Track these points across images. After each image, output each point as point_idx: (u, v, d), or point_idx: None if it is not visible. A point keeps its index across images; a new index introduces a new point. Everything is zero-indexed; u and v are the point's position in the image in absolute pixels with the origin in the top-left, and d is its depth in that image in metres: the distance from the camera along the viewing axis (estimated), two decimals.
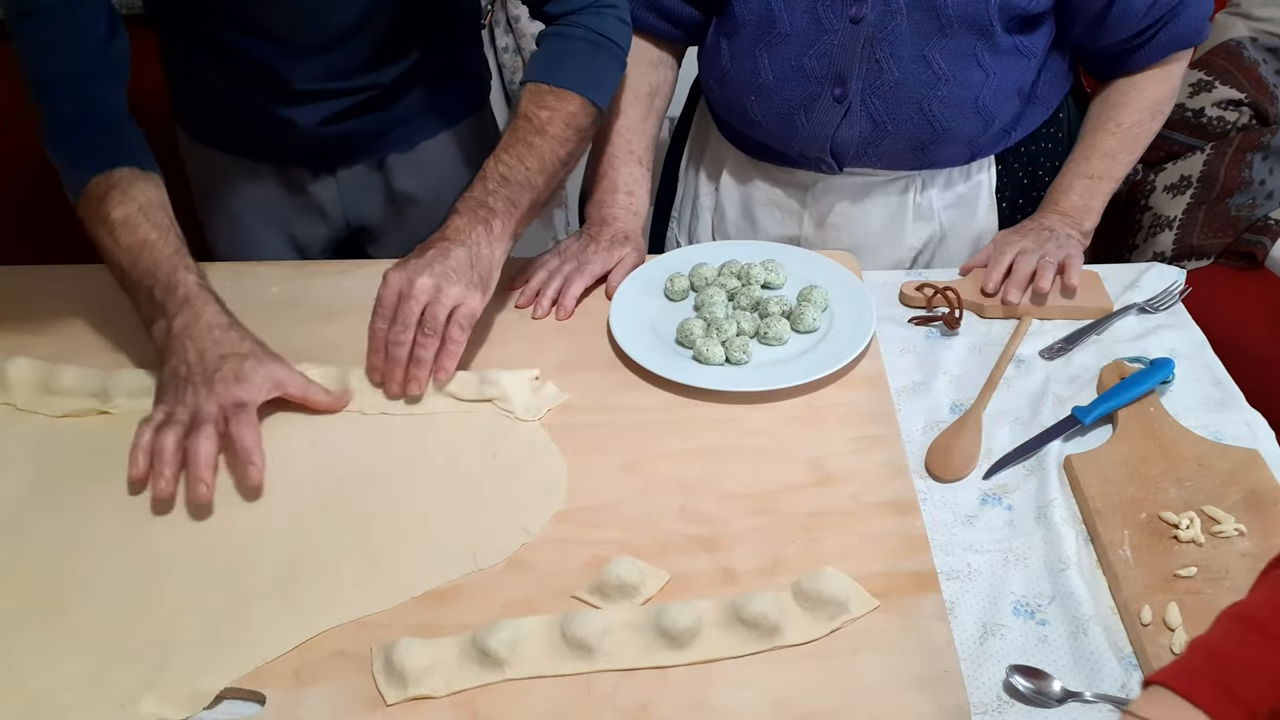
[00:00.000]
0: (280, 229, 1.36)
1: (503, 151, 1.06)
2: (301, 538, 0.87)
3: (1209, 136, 1.96)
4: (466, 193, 1.05)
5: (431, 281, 0.96)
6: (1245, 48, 1.98)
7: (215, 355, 0.94)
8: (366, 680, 0.75)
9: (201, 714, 0.74)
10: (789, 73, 1.15)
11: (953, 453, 0.94)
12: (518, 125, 1.07)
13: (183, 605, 0.81)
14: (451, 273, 0.97)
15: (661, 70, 1.26)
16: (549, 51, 1.11)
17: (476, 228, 1.01)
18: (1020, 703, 0.74)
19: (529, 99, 1.08)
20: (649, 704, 0.73)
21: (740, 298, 1.11)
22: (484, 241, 1.01)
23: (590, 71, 1.10)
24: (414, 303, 0.96)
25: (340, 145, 1.28)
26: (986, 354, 1.07)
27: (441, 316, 0.97)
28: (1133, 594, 0.79)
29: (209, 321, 0.96)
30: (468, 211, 1.02)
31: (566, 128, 1.07)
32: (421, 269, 0.97)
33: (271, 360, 0.97)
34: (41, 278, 1.21)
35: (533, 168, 1.05)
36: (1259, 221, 1.86)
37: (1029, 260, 1.12)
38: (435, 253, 0.98)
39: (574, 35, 1.10)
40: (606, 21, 1.11)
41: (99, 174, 1.01)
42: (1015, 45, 1.12)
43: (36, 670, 0.76)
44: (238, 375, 0.93)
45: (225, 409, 0.91)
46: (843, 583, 0.79)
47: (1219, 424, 0.96)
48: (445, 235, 1.00)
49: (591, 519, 0.88)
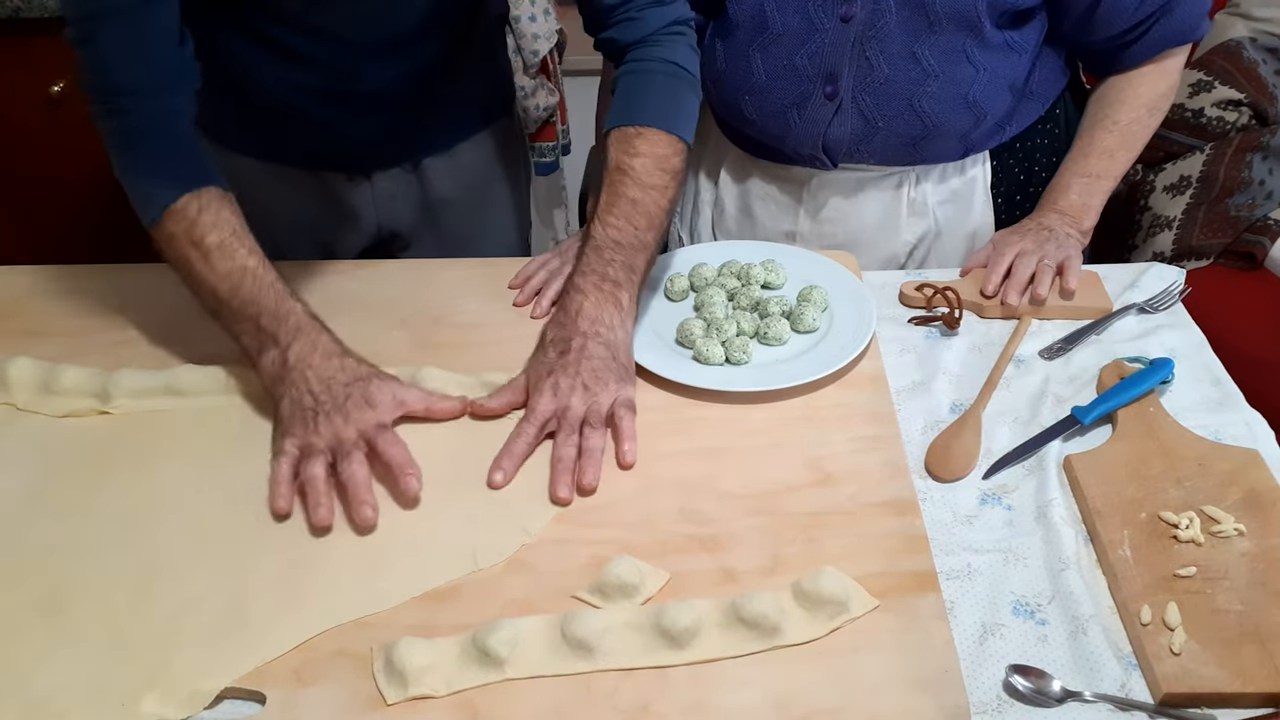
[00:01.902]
0: (310, 236, 1.33)
1: (606, 214, 1.02)
2: (301, 538, 0.87)
3: (1209, 136, 1.96)
4: (583, 265, 1.01)
5: (582, 399, 0.94)
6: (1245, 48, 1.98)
7: (341, 384, 0.93)
8: (366, 680, 0.75)
9: (201, 714, 0.74)
10: (781, 72, 1.16)
11: (952, 453, 0.94)
12: (613, 180, 1.03)
13: (183, 605, 0.81)
14: (597, 377, 0.95)
15: None
16: (629, 90, 1.07)
17: (607, 308, 0.99)
18: (1020, 702, 0.74)
19: (616, 145, 1.04)
20: (649, 704, 0.73)
21: (740, 298, 1.11)
22: (617, 324, 0.99)
23: (673, 106, 1.06)
24: (573, 416, 0.94)
25: (380, 149, 1.26)
26: (986, 354, 1.07)
27: (604, 412, 0.95)
28: (1132, 594, 0.79)
29: (326, 350, 0.95)
30: (592, 290, 0.99)
31: (662, 173, 1.03)
32: (570, 387, 0.95)
33: (390, 381, 0.96)
34: (41, 278, 1.21)
35: (641, 225, 1.02)
36: (1259, 221, 1.86)
37: (1028, 262, 1.12)
38: (575, 356, 0.96)
39: (651, 70, 1.07)
40: (680, 50, 1.08)
41: (188, 193, 0.97)
42: (1006, 41, 1.12)
43: (36, 670, 0.76)
44: (368, 400, 0.93)
45: (365, 433, 0.91)
46: (843, 583, 0.79)
47: (1219, 424, 0.97)
48: (579, 327, 0.97)
49: (591, 519, 0.88)
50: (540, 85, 2.26)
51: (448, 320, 1.13)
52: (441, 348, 1.08)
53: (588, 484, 0.90)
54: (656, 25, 1.07)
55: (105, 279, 1.20)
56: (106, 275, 1.21)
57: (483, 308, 1.15)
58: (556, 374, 0.96)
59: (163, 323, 1.12)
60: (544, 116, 2.30)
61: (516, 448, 0.93)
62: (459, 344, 1.09)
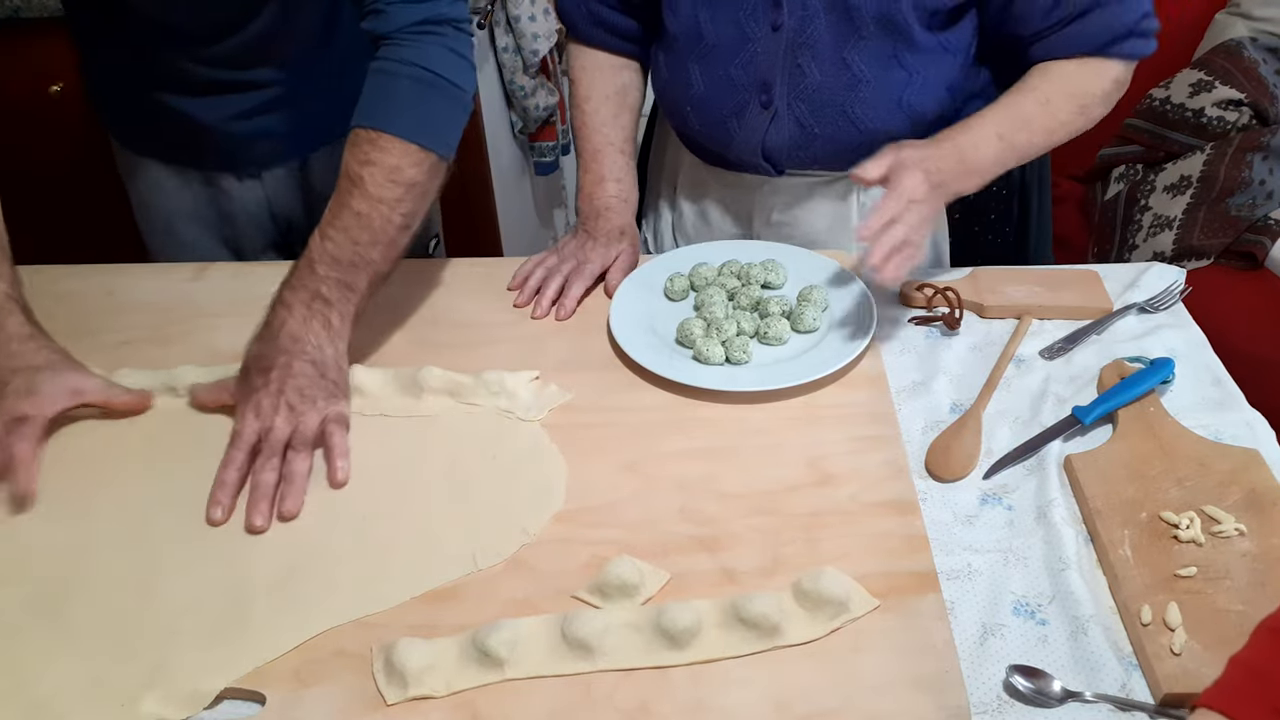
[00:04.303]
0: (215, 234, 1.35)
1: (328, 226, 0.96)
2: (301, 538, 0.87)
3: (1209, 136, 1.97)
4: (294, 279, 0.96)
5: (287, 419, 0.91)
6: (1245, 48, 1.99)
7: (8, 369, 0.93)
8: (366, 680, 0.75)
9: (201, 714, 0.74)
10: (719, 82, 1.16)
11: (953, 453, 0.94)
12: (341, 188, 0.97)
13: (183, 605, 0.81)
14: (303, 395, 0.92)
15: (625, 74, 1.26)
16: (370, 90, 0.99)
17: (313, 326, 0.94)
18: (1020, 703, 0.74)
19: (349, 150, 0.97)
20: (649, 704, 0.73)
21: (740, 298, 1.11)
22: (325, 342, 0.95)
23: (415, 113, 0.98)
24: (276, 439, 0.91)
25: (257, 146, 1.27)
26: (986, 354, 1.07)
27: (311, 432, 0.92)
28: (1133, 594, 0.79)
29: (9, 333, 0.94)
30: (300, 307, 0.94)
31: (394, 185, 0.96)
32: (273, 408, 0.91)
33: (69, 370, 0.95)
34: (41, 278, 1.21)
35: (364, 241, 0.95)
36: (1259, 221, 1.86)
37: (897, 233, 0.98)
38: (279, 374, 0.92)
39: (395, 71, 0.99)
40: (431, 52, 0.99)
41: None
42: (939, 43, 1.10)
43: (37, 670, 0.76)
44: (29, 388, 0.92)
45: (7, 423, 0.91)
46: (843, 582, 0.79)
47: (1219, 424, 0.96)
48: (281, 345, 0.93)
49: (591, 519, 0.88)
50: (540, 85, 2.26)
51: (447, 320, 1.13)
52: (441, 348, 1.08)
53: (287, 511, 0.88)
54: (402, 22, 0.99)
55: (105, 279, 1.20)
56: (106, 275, 1.21)
57: (481, 307, 1.15)
58: (259, 394, 0.92)
59: (163, 323, 1.12)
60: (544, 116, 2.30)
61: (227, 477, 0.89)
62: (458, 344, 1.09)
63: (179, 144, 1.27)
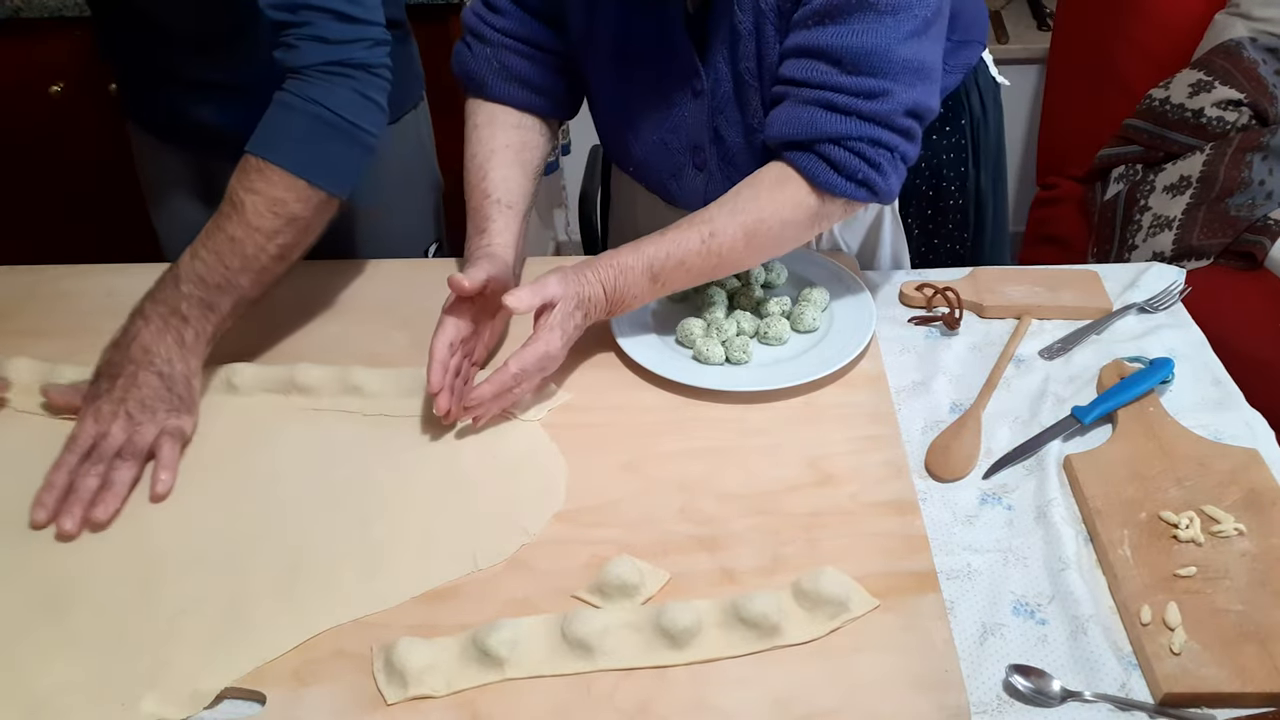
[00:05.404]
0: None
1: (201, 245, 0.97)
2: (301, 538, 0.87)
3: (1209, 136, 1.97)
4: (156, 292, 0.97)
5: (123, 427, 0.92)
6: (1245, 48, 1.99)
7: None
8: (366, 680, 0.75)
9: (201, 714, 0.74)
10: (654, 147, 1.16)
11: (952, 452, 0.94)
12: (222, 211, 0.97)
13: (183, 605, 0.81)
14: (145, 406, 0.93)
15: (525, 133, 1.15)
16: (268, 122, 0.99)
17: (166, 340, 0.95)
18: (1020, 702, 0.74)
19: (236, 174, 0.97)
20: (649, 704, 0.73)
21: (740, 298, 1.11)
22: (176, 357, 0.95)
23: (308, 150, 0.98)
24: (109, 445, 0.91)
25: None
26: (986, 354, 1.07)
27: (144, 443, 0.92)
28: (1132, 593, 0.79)
29: None
30: (156, 319, 0.95)
31: (274, 216, 0.96)
32: (112, 414, 0.92)
33: None
34: (41, 278, 1.21)
35: (234, 266, 0.96)
36: (1259, 221, 1.86)
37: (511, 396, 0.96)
38: (125, 383, 0.93)
39: (297, 108, 0.98)
40: (338, 94, 0.99)
41: None
42: None
43: (37, 670, 0.76)
44: None
45: None
46: (843, 582, 0.79)
47: (1219, 424, 0.97)
48: (131, 355, 0.94)
49: (591, 519, 0.88)
50: None
51: None
52: None
53: (96, 518, 0.88)
54: (312, 60, 0.98)
55: (105, 279, 1.20)
56: (106, 275, 1.21)
57: None
58: (101, 401, 0.93)
59: None
60: None
61: (55, 479, 0.90)
62: None
63: (189, 130, 1.27)
